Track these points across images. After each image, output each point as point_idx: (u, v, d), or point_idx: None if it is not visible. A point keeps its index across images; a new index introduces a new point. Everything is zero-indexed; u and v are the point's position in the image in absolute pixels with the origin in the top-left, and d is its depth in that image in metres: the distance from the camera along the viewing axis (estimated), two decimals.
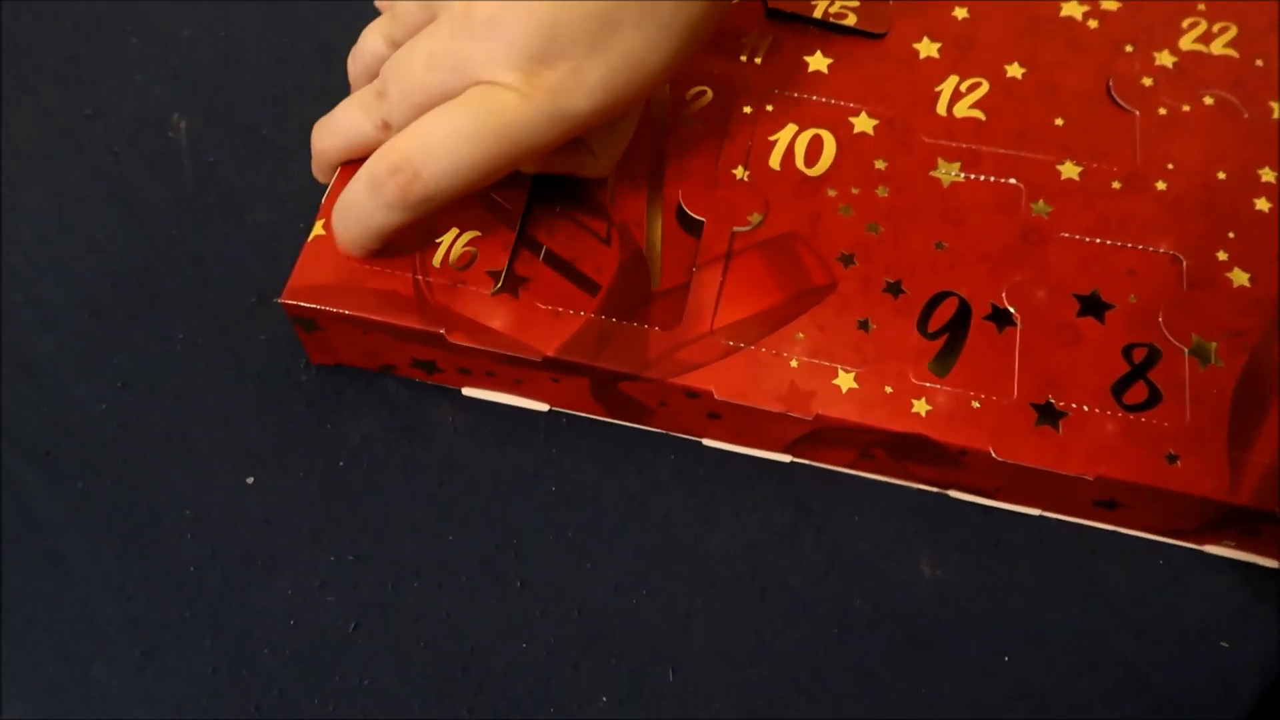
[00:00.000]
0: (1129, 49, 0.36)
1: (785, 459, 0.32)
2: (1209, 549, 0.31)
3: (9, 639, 0.29)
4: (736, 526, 0.31)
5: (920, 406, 0.29)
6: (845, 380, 0.29)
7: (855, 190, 0.33)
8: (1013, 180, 0.33)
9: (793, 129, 0.34)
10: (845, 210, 0.32)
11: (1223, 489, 0.28)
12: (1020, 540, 0.31)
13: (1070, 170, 0.33)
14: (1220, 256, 0.32)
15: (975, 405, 0.29)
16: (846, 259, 0.31)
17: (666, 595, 0.30)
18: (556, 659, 0.29)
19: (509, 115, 0.27)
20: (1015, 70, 0.35)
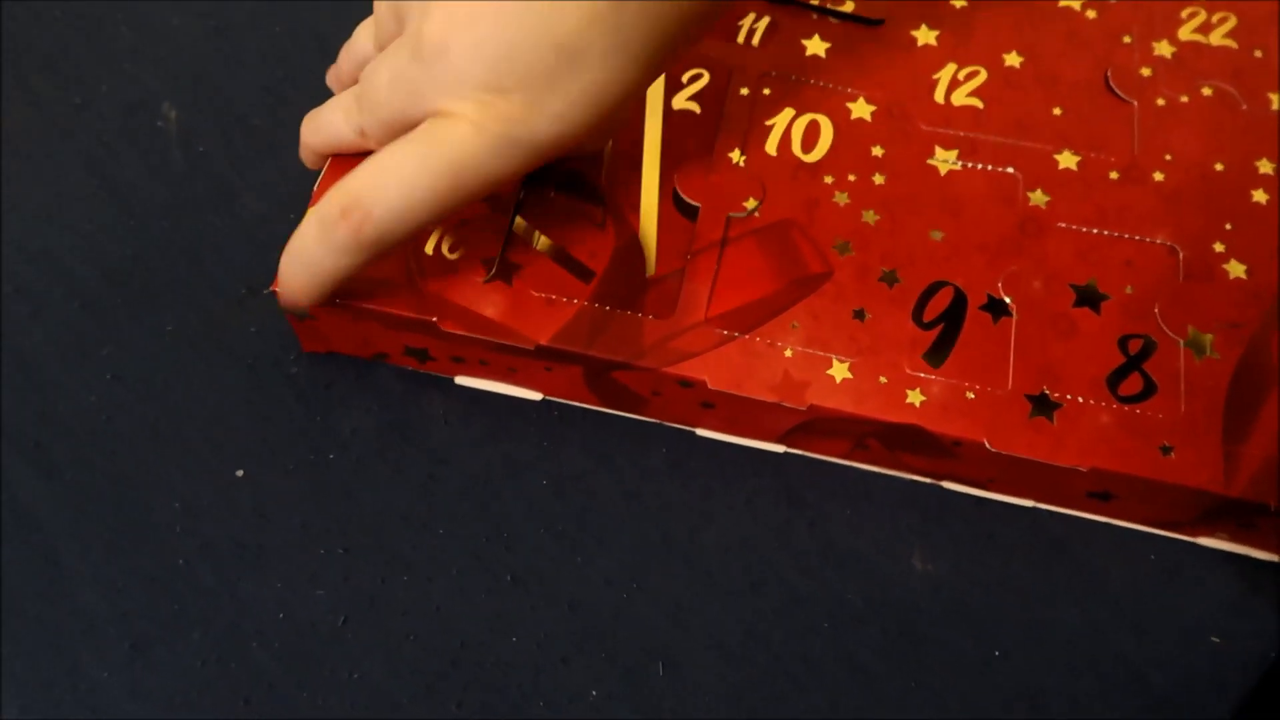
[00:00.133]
0: (1127, 39, 0.35)
1: (779, 449, 0.32)
2: (1203, 542, 0.31)
3: None
4: (729, 520, 0.31)
5: (914, 397, 0.29)
6: (839, 370, 0.29)
7: (852, 177, 0.32)
8: (1010, 169, 0.33)
9: (790, 113, 0.34)
10: (842, 197, 0.32)
11: (1217, 481, 0.28)
12: (1013, 534, 0.31)
13: (1068, 160, 0.33)
14: (1217, 248, 0.32)
15: (970, 396, 0.29)
16: (843, 247, 0.31)
17: (658, 589, 0.30)
18: (547, 653, 0.29)
19: (462, 150, 0.25)
20: (1013, 59, 0.35)
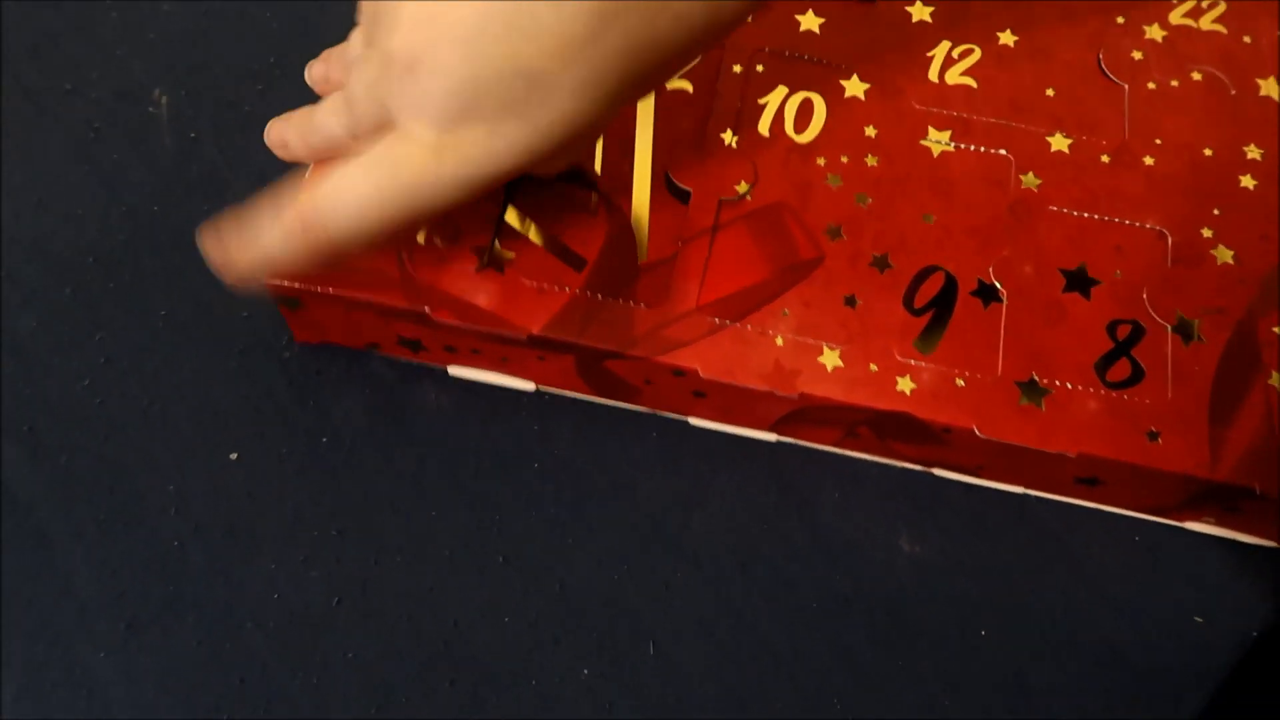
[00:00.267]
0: (1120, 20, 0.35)
1: (771, 438, 0.32)
2: (1190, 526, 0.31)
3: None
4: (719, 503, 0.31)
5: (905, 384, 0.29)
6: (830, 358, 0.29)
7: (844, 159, 0.32)
8: (1002, 151, 0.33)
9: (783, 91, 0.33)
10: (834, 180, 0.32)
11: (1204, 466, 0.28)
12: (1000, 518, 0.31)
13: (1060, 143, 0.33)
14: (1205, 233, 0.32)
15: (960, 383, 0.29)
16: (834, 231, 0.31)
17: (648, 571, 0.30)
18: (538, 633, 0.29)
19: (418, 176, 0.25)
20: (1007, 38, 0.35)
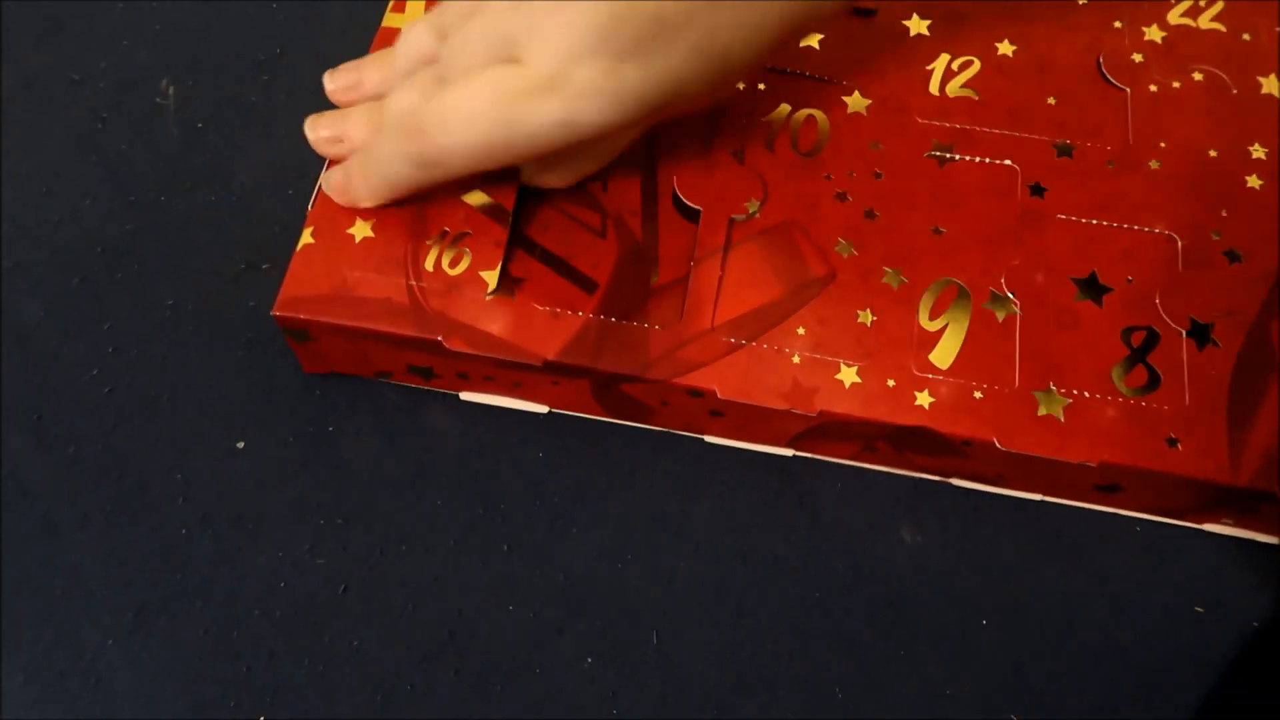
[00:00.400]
0: (1118, 24, 0.35)
1: (788, 453, 0.31)
2: (1207, 527, 0.31)
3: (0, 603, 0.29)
4: (721, 494, 0.31)
5: (923, 399, 0.29)
6: (848, 375, 0.29)
7: (851, 174, 0.32)
8: (1007, 161, 0.33)
9: (786, 109, 0.33)
10: (842, 196, 0.32)
11: (1223, 470, 0.28)
12: (1000, 509, 0.31)
13: (1064, 150, 0.33)
14: (1214, 235, 0.32)
15: (977, 395, 0.29)
16: (845, 247, 0.31)
17: (651, 560, 0.30)
18: (543, 622, 0.29)
19: (525, 104, 0.26)
20: (1006, 48, 0.35)
